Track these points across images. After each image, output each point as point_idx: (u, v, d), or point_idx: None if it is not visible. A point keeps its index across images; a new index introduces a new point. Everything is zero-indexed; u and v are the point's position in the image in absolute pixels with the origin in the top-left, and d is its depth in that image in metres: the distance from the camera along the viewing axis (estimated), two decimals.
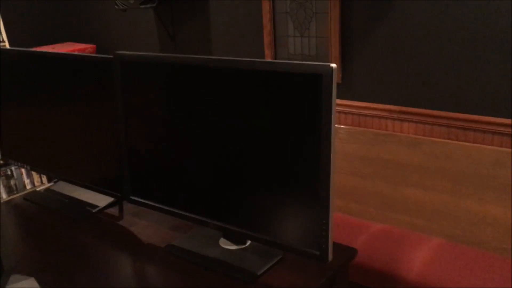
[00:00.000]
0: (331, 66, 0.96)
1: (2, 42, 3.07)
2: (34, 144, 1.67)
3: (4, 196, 3.08)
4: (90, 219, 1.52)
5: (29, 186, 3.25)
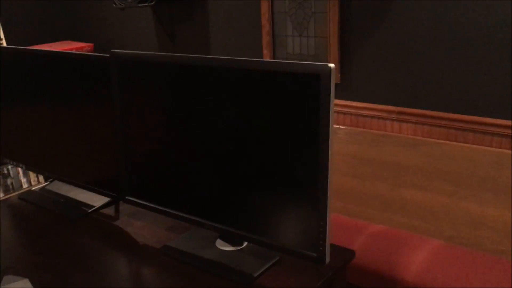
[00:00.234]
0: (329, 66, 0.95)
1: (0, 40, 3.06)
2: (30, 143, 1.65)
3: (0, 195, 3.07)
4: (85, 219, 1.50)
5: (25, 185, 3.23)
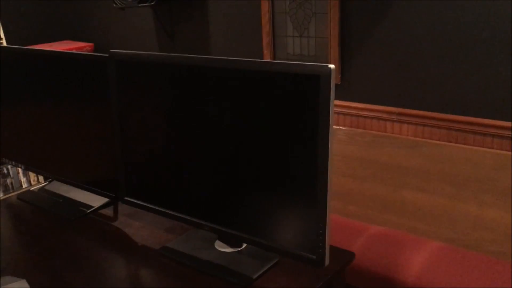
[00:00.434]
0: (329, 67, 0.94)
1: (0, 40, 3.05)
2: (28, 143, 1.65)
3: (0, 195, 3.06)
4: (84, 220, 1.50)
5: (25, 185, 3.22)
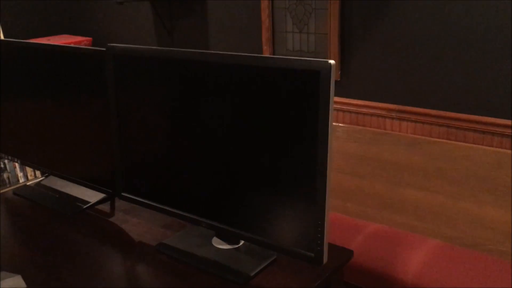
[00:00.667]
0: (330, 62, 0.93)
1: None
2: (25, 137, 1.63)
3: None
4: (80, 215, 1.48)
5: (22, 180, 3.21)
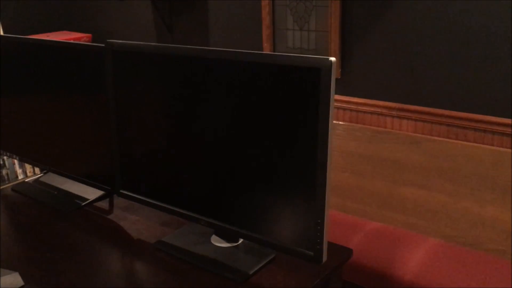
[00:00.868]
0: (330, 59, 0.92)
1: None
2: (24, 134, 1.62)
3: None
4: (79, 212, 1.48)
5: (21, 176, 3.20)
